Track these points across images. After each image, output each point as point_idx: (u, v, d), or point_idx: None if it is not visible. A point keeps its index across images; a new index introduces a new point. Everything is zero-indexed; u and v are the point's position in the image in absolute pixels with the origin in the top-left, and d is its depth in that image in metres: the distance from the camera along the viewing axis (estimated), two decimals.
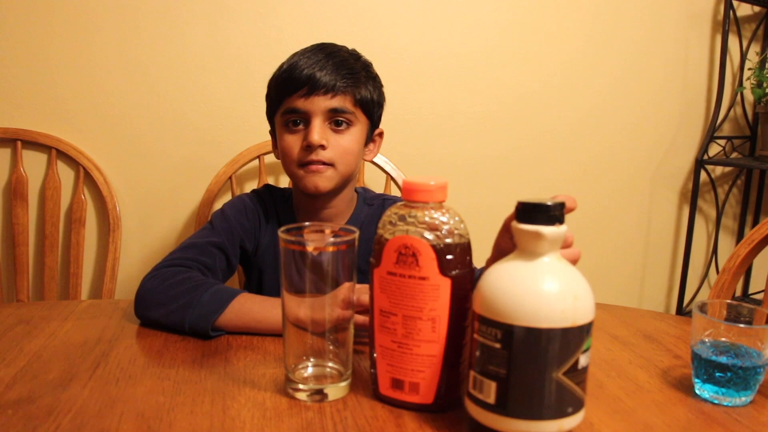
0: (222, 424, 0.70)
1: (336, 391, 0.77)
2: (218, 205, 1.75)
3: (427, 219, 0.70)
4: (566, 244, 0.75)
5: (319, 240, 0.77)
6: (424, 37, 1.85)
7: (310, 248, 0.73)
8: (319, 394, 0.76)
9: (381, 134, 1.24)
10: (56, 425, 0.70)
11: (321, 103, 1.09)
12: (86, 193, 1.71)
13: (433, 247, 0.69)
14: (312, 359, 0.79)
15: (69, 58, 1.65)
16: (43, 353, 0.89)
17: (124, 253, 1.74)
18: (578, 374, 0.65)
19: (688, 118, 2.15)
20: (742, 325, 0.81)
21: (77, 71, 1.66)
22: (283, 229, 0.75)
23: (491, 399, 0.65)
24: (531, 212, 0.65)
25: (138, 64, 1.68)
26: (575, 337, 0.63)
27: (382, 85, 1.20)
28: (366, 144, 1.19)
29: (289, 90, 1.10)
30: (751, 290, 2.32)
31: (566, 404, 0.64)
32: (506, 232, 0.80)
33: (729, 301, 0.86)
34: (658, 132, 2.13)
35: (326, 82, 1.08)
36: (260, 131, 1.74)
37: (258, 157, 1.69)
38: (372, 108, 1.16)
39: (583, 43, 1.99)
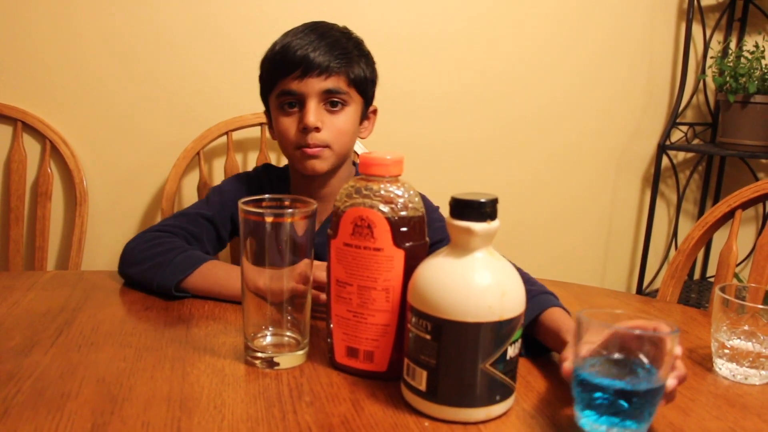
0: (181, 389, 0.72)
1: (293, 359, 0.79)
2: (186, 181, 1.77)
3: (382, 192, 0.72)
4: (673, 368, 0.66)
5: (278, 211, 0.78)
6: (395, 19, 1.86)
7: (269, 219, 0.75)
8: (277, 362, 0.78)
9: (375, 111, 1.24)
10: (17, 389, 0.71)
11: (315, 85, 1.08)
12: (53, 167, 1.70)
13: (388, 219, 0.71)
14: (270, 328, 0.81)
15: (37, 29, 1.63)
16: (6, 321, 0.90)
17: (91, 228, 1.73)
18: (507, 364, 0.67)
19: (653, 105, 2.19)
20: (638, 332, 0.64)
21: (45, 43, 1.65)
22: (243, 200, 0.76)
23: (422, 386, 0.68)
24: (463, 208, 0.66)
25: (107, 38, 1.67)
26: (503, 330, 0.66)
27: (374, 62, 1.19)
28: (361, 122, 1.19)
29: (282, 72, 1.09)
30: (708, 273, 2.39)
31: (494, 393, 0.67)
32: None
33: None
34: (623, 117, 2.17)
35: (319, 63, 1.07)
36: (229, 107, 1.75)
37: (226, 133, 1.70)
38: (365, 86, 1.16)
39: (550, 30, 2.01)
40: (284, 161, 1.82)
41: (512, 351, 0.67)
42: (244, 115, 1.71)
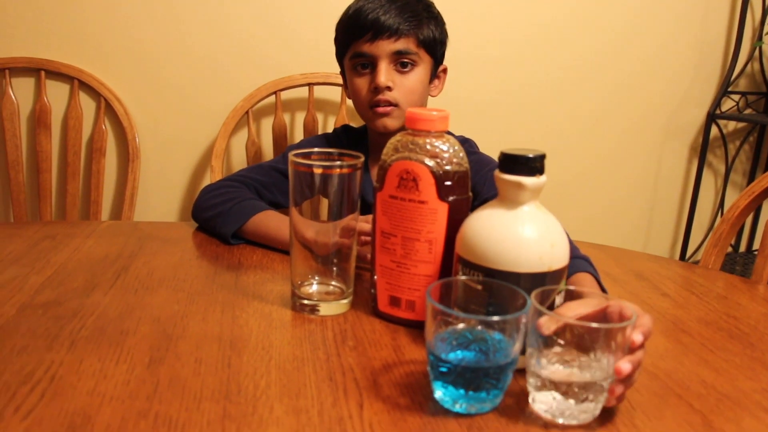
0: (231, 331, 0.77)
1: (338, 307, 0.83)
2: (234, 140, 1.81)
3: (428, 147, 0.74)
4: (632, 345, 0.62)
5: (326, 163, 0.81)
6: None
7: (317, 171, 0.78)
8: (322, 309, 0.82)
9: (445, 70, 1.28)
10: (81, 325, 0.76)
11: (386, 47, 1.13)
12: (107, 124, 1.76)
13: (433, 173, 0.73)
14: (317, 277, 0.84)
15: None
16: (68, 264, 0.96)
17: (143, 183, 1.79)
18: None
19: (703, 71, 2.15)
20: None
21: (100, 5, 1.69)
22: (293, 153, 0.79)
23: None
24: (513, 163, 0.68)
25: (159, 1, 1.72)
26: (551, 280, 0.68)
27: (444, 23, 1.22)
28: (431, 81, 1.23)
29: (355, 35, 1.14)
30: (754, 246, 2.36)
31: None
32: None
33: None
34: (671, 83, 2.13)
35: (390, 26, 1.12)
36: (278, 67, 1.78)
37: (275, 92, 1.73)
38: (435, 47, 1.20)
39: None
40: (331, 124, 1.85)
41: (558, 301, 0.69)
42: (293, 75, 1.73)
